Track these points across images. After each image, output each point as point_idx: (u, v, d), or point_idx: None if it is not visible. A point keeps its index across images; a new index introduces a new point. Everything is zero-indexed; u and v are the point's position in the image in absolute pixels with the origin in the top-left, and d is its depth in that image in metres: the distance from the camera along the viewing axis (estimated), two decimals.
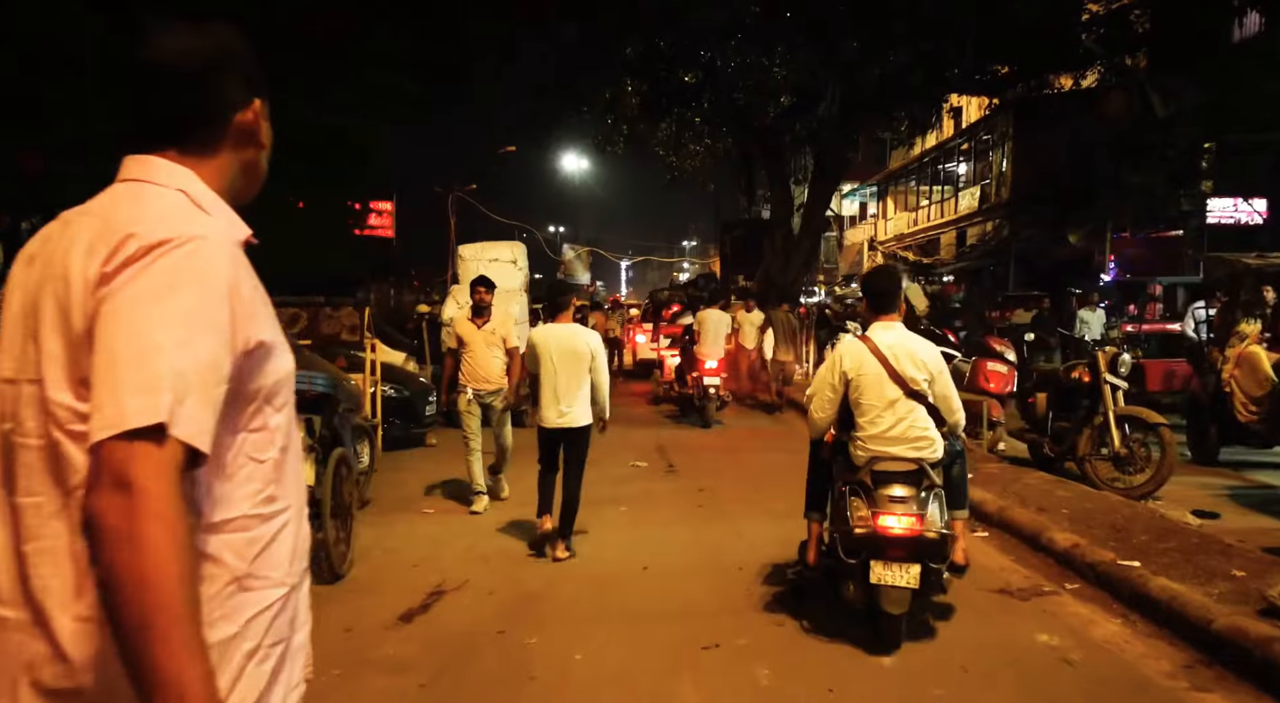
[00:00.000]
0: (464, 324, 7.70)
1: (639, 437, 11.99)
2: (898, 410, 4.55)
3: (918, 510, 4.45)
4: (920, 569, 4.38)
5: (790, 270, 24.36)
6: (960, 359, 10.92)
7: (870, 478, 4.57)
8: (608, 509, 7.82)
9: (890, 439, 4.55)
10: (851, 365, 4.66)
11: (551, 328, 6.36)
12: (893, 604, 4.40)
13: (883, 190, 37.56)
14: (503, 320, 7.75)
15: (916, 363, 4.60)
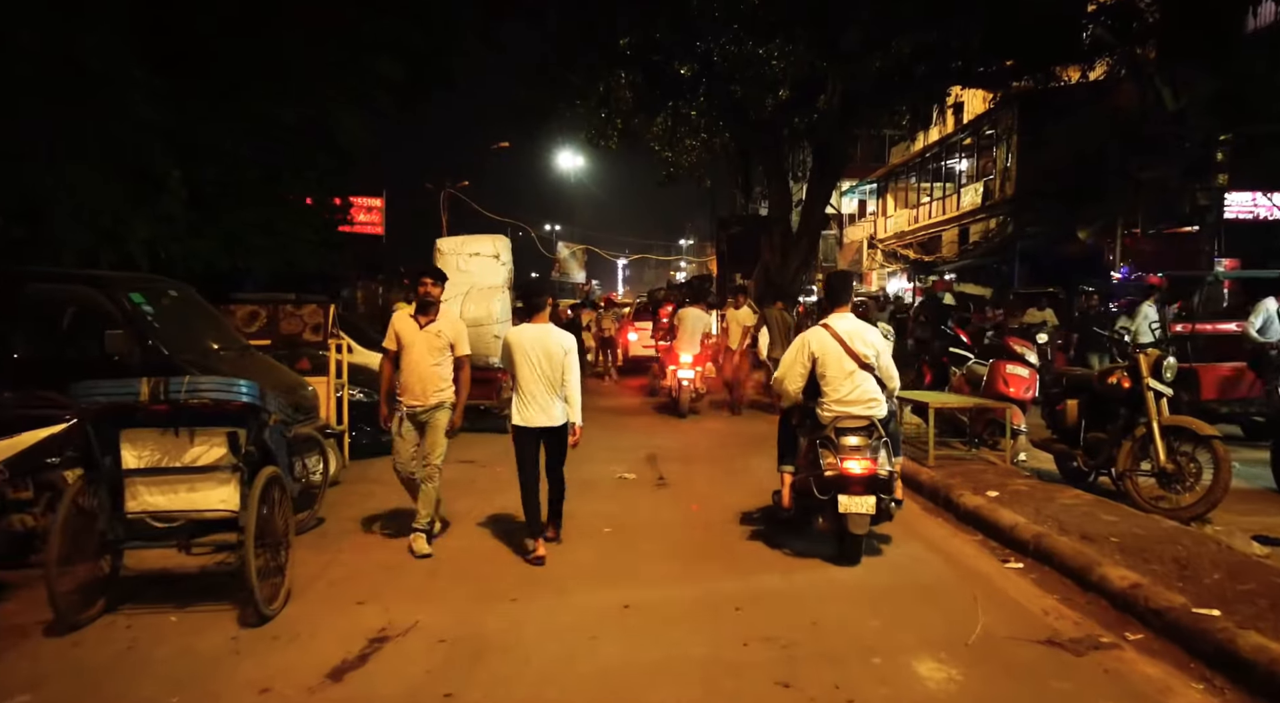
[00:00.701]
0: (404, 321, 6.29)
1: (629, 443, 11.08)
2: (854, 380, 5.95)
3: (871, 456, 5.79)
4: (875, 499, 5.73)
5: (789, 268, 23.48)
6: (975, 361, 10.02)
7: (834, 433, 5.89)
8: (590, 531, 6.90)
9: (849, 402, 5.95)
10: (817, 347, 6.05)
11: (527, 328, 6.30)
12: (856, 526, 5.75)
13: (882, 187, 36.64)
14: (452, 322, 6.39)
15: (866, 343, 6.01)
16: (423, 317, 6.28)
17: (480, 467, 9.66)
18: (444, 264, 11.88)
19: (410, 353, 6.21)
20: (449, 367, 6.32)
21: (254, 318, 9.39)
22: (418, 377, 6.20)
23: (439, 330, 6.25)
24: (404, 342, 6.24)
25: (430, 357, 6.22)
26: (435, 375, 6.23)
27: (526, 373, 6.12)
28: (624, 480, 8.88)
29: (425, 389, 6.21)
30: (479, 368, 11.62)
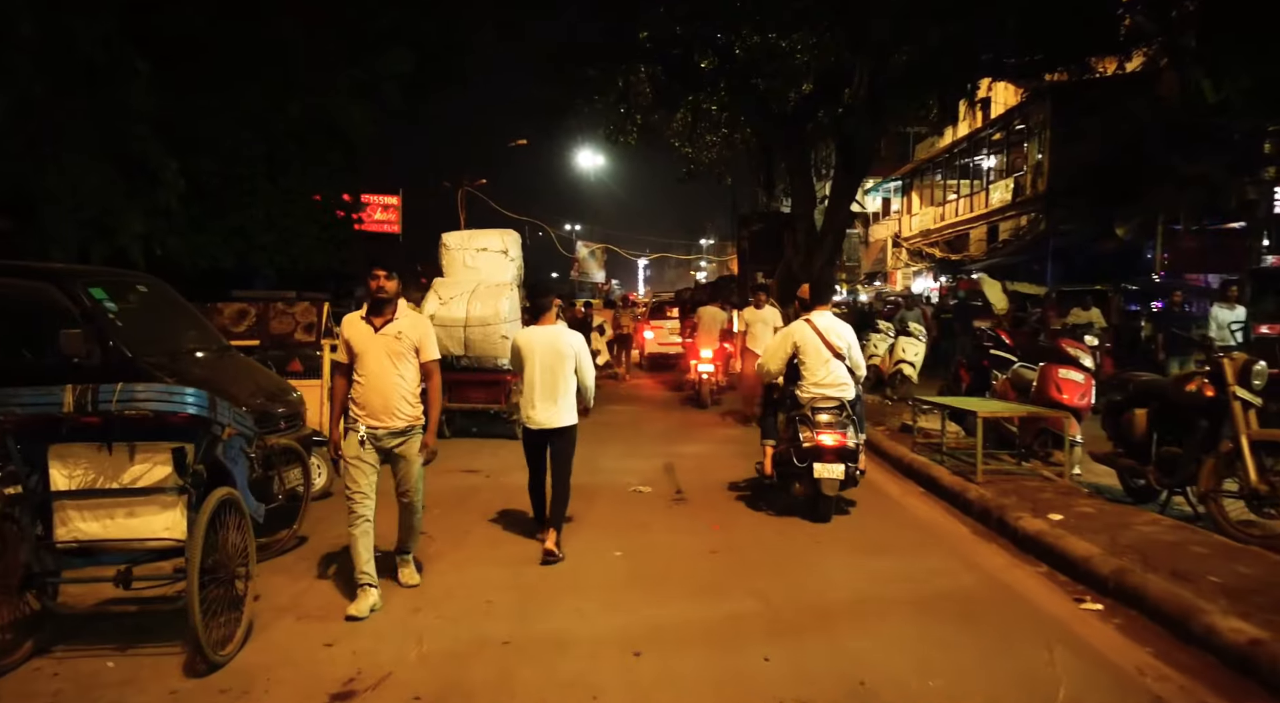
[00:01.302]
0: (353, 324, 5.11)
1: (645, 450, 10.26)
2: (829, 367, 6.94)
3: (842, 430, 6.77)
4: (844, 467, 6.71)
5: (812, 267, 22.53)
6: (1022, 365, 9.13)
7: (811, 411, 6.87)
8: (599, 556, 6.10)
9: (824, 385, 6.93)
10: (799, 337, 7.07)
11: (535, 329, 6.29)
12: (828, 489, 6.72)
13: (907, 185, 35.62)
14: (415, 322, 5.15)
15: (839, 336, 7.00)
16: (377, 317, 5.04)
17: (484, 477, 8.89)
18: (450, 260, 11.14)
19: (365, 363, 5.00)
20: (415, 377, 5.11)
21: (242, 317, 8.67)
22: (377, 392, 4.99)
23: (398, 332, 5.02)
24: (356, 350, 5.04)
25: (391, 366, 5.01)
26: (398, 389, 5.01)
27: (533, 375, 6.15)
28: (639, 494, 8.07)
29: (388, 407, 5.01)
30: (486, 370, 10.92)
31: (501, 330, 10.40)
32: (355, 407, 5.08)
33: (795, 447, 6.83)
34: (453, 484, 8.47)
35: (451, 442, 10.85)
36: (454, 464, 9.45)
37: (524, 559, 6.03)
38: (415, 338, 5.09)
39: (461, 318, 10.42)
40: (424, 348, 5.13)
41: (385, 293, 5.00)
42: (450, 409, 10.99)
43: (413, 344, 5.08)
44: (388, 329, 5.02)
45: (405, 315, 5.13)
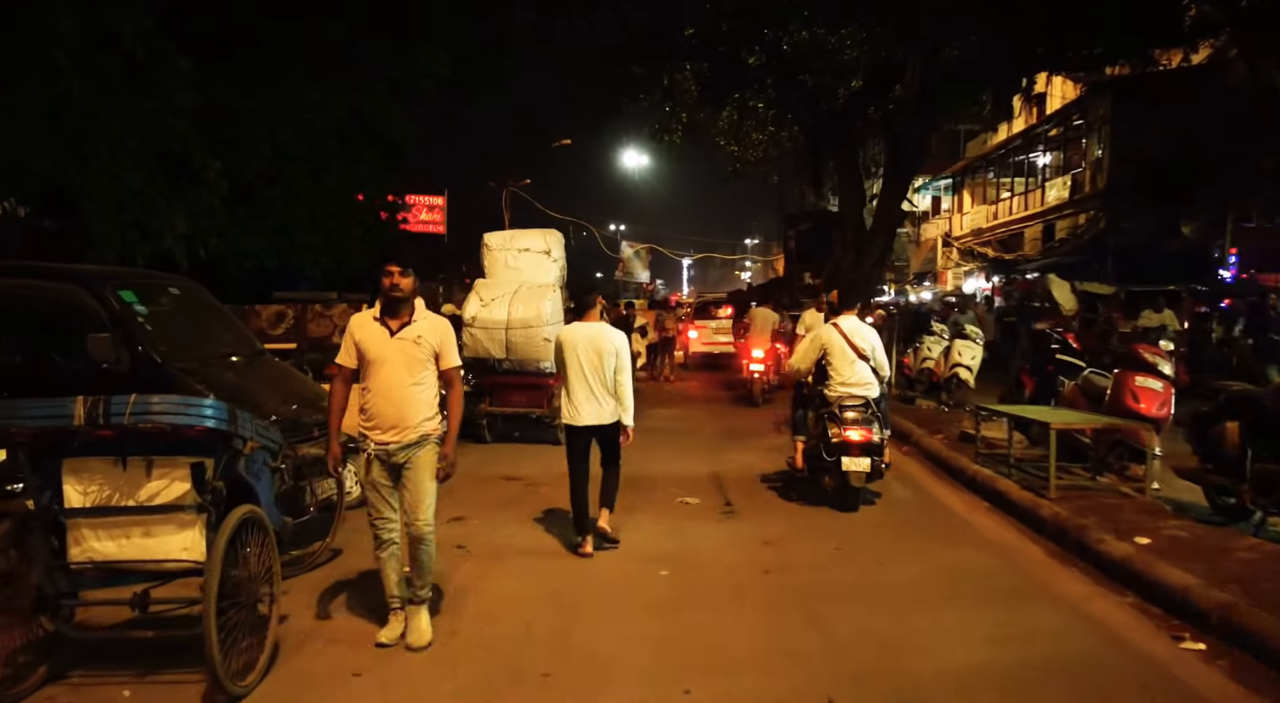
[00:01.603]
0: (366, 326, 4.52)
1: (691, 458, 9.86)
2: (854, 367, 7.30)
3: (868, 426, 7.13)
4: (869, 460, 7.08)
5: (862, 267, 21.96)
6: (1092, 371, 8.58)
7: (839, 409, 7.23)
8: (645, 575, 5.72)
9: (851, 384, 7.29)
10: (827, 341, 7.42)
11: (578, 326, 6.27)
12: (856, 480, 7.12)
13: (958, 183, 34.73)
14: (435, 325, 4.55)
15: (864, 339, 7.38)
16: (392, 319, 4.46)
17: (525, 485, 8.56)
18: (491, 261, 10.85)
19: (379, 370, 4.42)
20: (433, 386, 4.53)
21: (280, 319, 8.45)
22: (391, 403, 4.40)
23: (418, 336, 4.44)
24: (369, 356, 4.44)
25: (408, 374, 4.42)
26: (415, 400, 4.43)
27: (576, 371, 6.12)
28: (685, 506, 7.68)
29: (403, 419, 4.41)
30: (528, 374, 10.60)
31: (544, 333, 10.07)
32: (363, 420, 4.47)
33: (824, 442, 7.28)
34: (492, 493, 8.17)
35: (492, 447, 10.56)
36: (494, 471, 9.15)
37: (566, 577, 5.68)
38: (436, 342, 4.48)
39: (503, 320, 10.12)
40: (445, 353, 4.51)
41: (400, 291, 4.39)
42: (492, 413, 10.71)
43: (433, 349, 4.47)
44: (405, 333, 4.44)
45: (424, 317, 4.53)
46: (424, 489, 4.51)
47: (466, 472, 9.03)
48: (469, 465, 9.39)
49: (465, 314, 10.31)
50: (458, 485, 8.39)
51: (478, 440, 10.71)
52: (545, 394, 10.63)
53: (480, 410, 10.65)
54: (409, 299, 4.47)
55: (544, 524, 7.06)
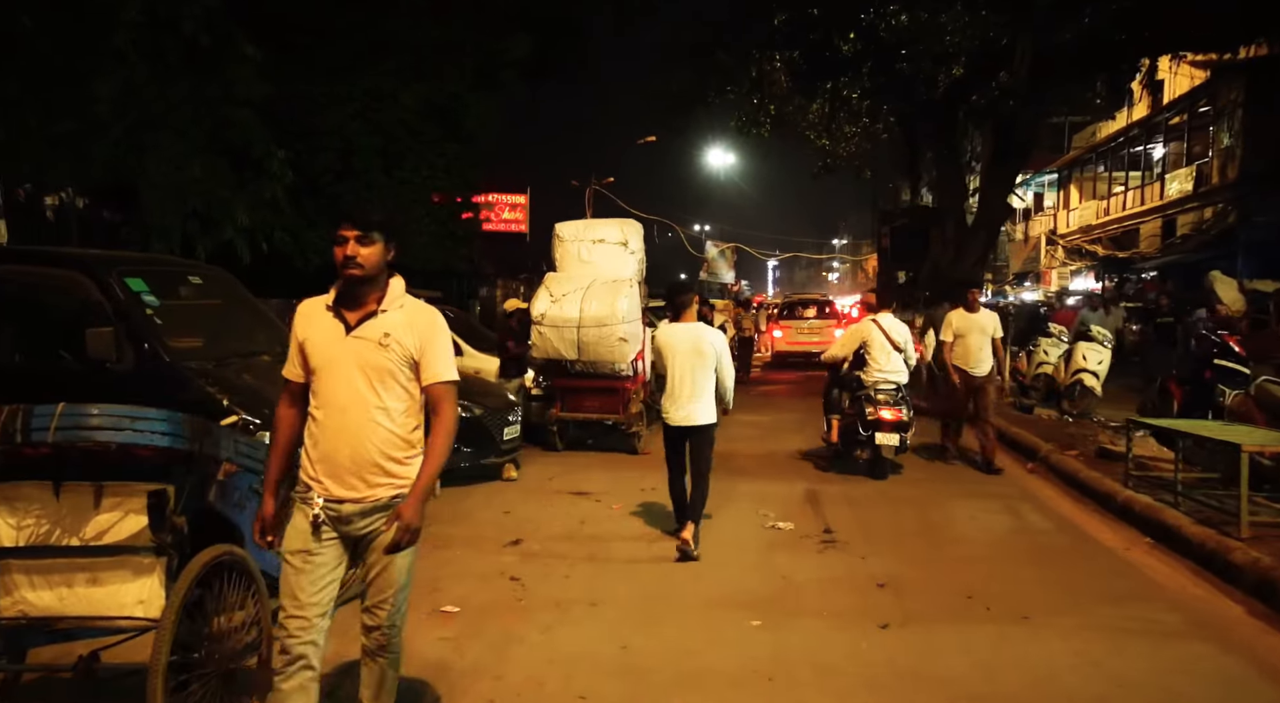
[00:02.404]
0: (315, 319, 2.95)
1: (782, 474, 8.69)
2: (889, 357, 8.30)
3: (898, 407, 8.14)
4: (899, 436, 8.09)
5: (963, 264, 20.42)
6: (1267, 379, 7.10)
7: (874, 391, 8.23)
8: (731, 625, 4.62)
9: (885, 371, 8.30)
10: (867, 335, 8.44)
11: (677, 326, 6.19)
12: (887, 453, 8.15)
13: (1064, 178, 32.47)
14: (414, 318, 2.93)
15: (899, 333, 8.41)
16: (349, 309, 2.89)
17: (595, 501, 7.54)
18: (563, 253, 9.87)
19: (327, 384, 2.87)
20: (410, 411, 2.93)
21: None
22: (343, 436, 2.85)
23: (385, 333, 2.86)
24: (315, 360, 2.89)
25: (369, 391, 2.84)
26: (379, 433, 2.86)
27: (676, 372, 6.04)
28: (777, 532, 6.53)
29: (361, 463, 2.85)
30: (602, 376, 9.59)
31: (619, 332, 9.04)
32: (307, 462, 2.89)
33: (860, 419, 8.20)
34: (558, 511, 7.17)
35: (563, 456, 9.59)
36: (562, 484, 8.17)
37: (637, 627, 4.61)
38: (414, 344, 2.87)
39: (575, 318, 9.12)
40: (429, 360, 2.90)
41: (360, 267, 2.79)
42: (563, 419, 9.73)
43: (408, 354, 2.87)
44: (367, 328, 2.85)
45: (399, 305, 2.91)
46: (398, 578, 2.92)
47: (532, 486, 8.11)
48: (535, 477, 8.45)
49: (534, 311, 9.36)
50: (519, 500, 7.49)
51: (548, 448, 9.76)
52: (621, 399, 9.61)
53: (551, 416, 9.69)
54: (376, 278, 2.85)
55: (615, 549, 6.02)
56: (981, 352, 8.71)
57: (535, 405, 10.10)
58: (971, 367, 8.75)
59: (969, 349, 8.76)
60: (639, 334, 9.59)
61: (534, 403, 10.12)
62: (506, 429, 8.40)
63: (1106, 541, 6.17)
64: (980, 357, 8.71)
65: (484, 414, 8.19)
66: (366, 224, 2.82)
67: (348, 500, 2.86)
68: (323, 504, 2.85)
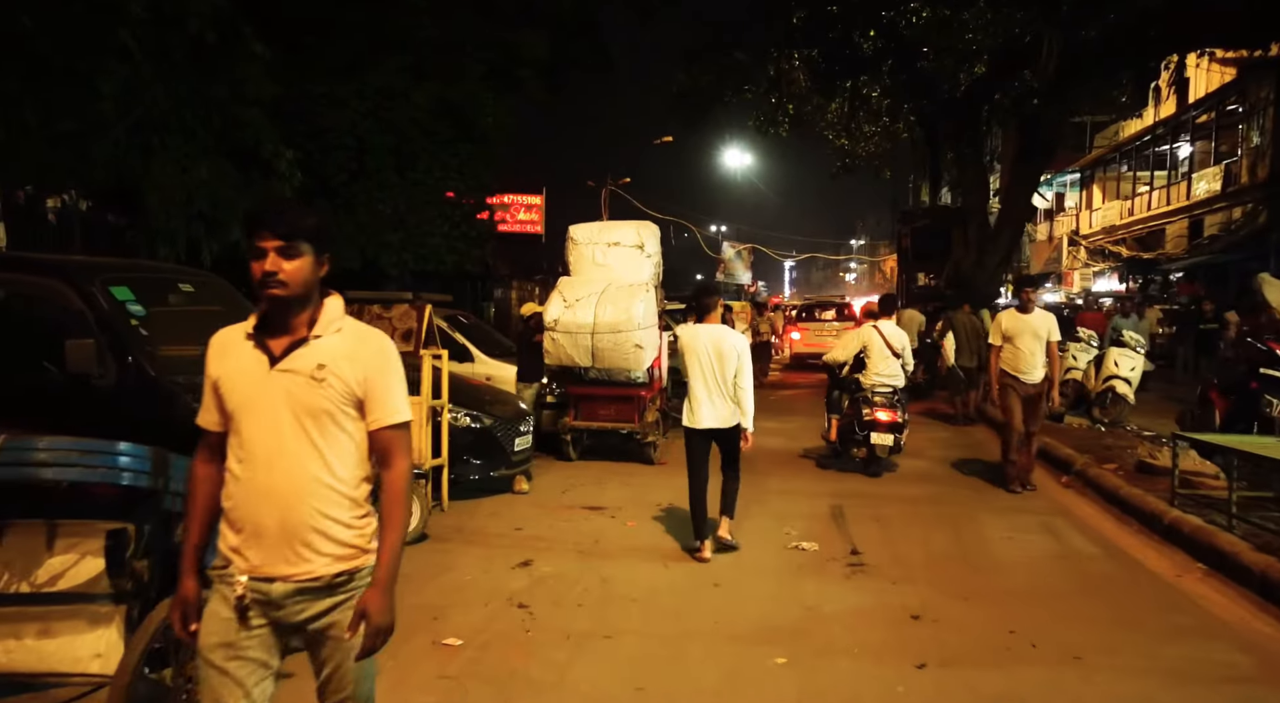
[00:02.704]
0: (231, 350, 2.29)
1: (803, 485, 8.30)
2: (888, 362, 8.64)
3: (894, 409, 8.51)
4: (893, 437, 8.43)
5: (986, 267, 19.93)
6: None
7: (871, 394, 8.58)
8: (754, 662, 4.24)
9: (883, 375, 8.63)
10: (867, 340, 8.77)
11: (700, 327, 6.15)
12: (881, 452, 8.51)
13: (1087, 178, 31.84)
14: (358, 346, 2.29)
15: (898, 339, 8.76)
16: (273, 336, 2.27)
17: (610, 517, 7.17)
18: (577, 256, 9.50)
19: (248, 430, 2.25)
20: (356, 464, 2.31)
21: None
22: (270, 496, 2.23)
23: (319, 365, 2.24)
24: (231, 402, 2.27)
25: (301, 439, 2.24)
26: (316, 491, 2.24)
27: (697, 374, 5.99)
28: (800, 553, 6.13)
29: (291, 530, 2.22)
30: (617, 384, 9.21)
31: (635, 338, 8.66)
32: (226, 529, 2.27)
33: (858, 420, 8.58)
34: (571, 528, 6.80)
35: (577, 466, 9.23)
36: (575, 498, 7.80)
37: (654, 665, 4.24)
38: (356, 376, 2.26)
39: (589, 323, 8.75)
40: (376, 397, 2.29)
41: (283, 286, 2.19)
42: (576, 428, 9.37)
43: (349, 390, 2.26)
44: (296, 359, 2.23)
45: (336, 329, 2.29)
46: (358, 673, 2.30)
47: (544, 499, 7.74)
48: (548, 490, 8.09)
49: (547, 316, 8.99)
50: (530, 516, 7.12)
51: (561, 458, 9.41)
52: (636, 407, 9.23)
53: (564, 425, 9.33)
54: (304, 299, 2.24)
55: (631, 569, 5.64)
56: (1034, 357, 7.80)
57: (548, 414, 9.75)
58: (1023, 373, 7.85)
59: (1020, 354, 7.83)
60: (655, 340, 9.21)
61: (547, 411, 9.77)
62: (518, 440, 8.04)
63: (1155, 566, 5.74)
64: (1033, 362, 7.80)
65: (494, 424, 7.84)
66: (290, 231, 2.18)
67: (277, 579, 2.20)
68: (247, 583, 2.21)
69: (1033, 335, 7.80)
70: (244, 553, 2.22)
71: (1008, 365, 7.93)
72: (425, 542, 6.38)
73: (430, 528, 6.59)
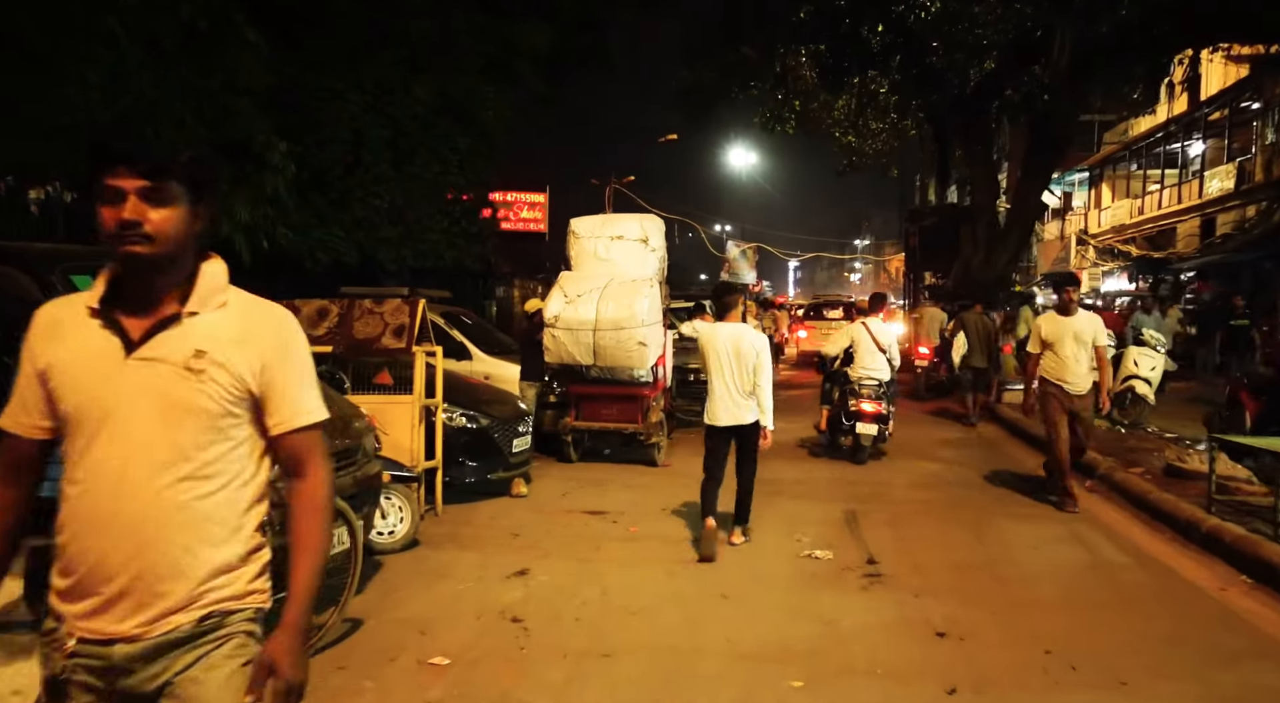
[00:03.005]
0: (75, 333, 1.68)
1: (816, 488, 7.91)
2: (874, 357, 9.01)
3: (878, 400, 8.91)
4: (878, 427, 8.90)
5: (994, 265, 19.56)
6: None
7: (858, 386, 8.98)
8: (768, 685, 3.85)
9: (869, 369, 9.00)
10: (856, 336, 9.22)
11: (720, 326, 6.15)
12: (866, 441, 8.95)
13: (1095, 176, 31.38)
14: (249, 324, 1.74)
15: (886, 336, 9.14)
16: (131, 314, 1.68)
17: (611, 522, 6.80)
18: (579, 250, 9.12)
19: (93, 440, 1.66)
20: (246, 481, 1.76)
21: (322, 317, 6.90)
22: (118, 524, 1.63)
23: (197, 351, 1.67)
24: (67, 404, 1.67)
25: (168, 449, 1.65)
26: (181, 518, 1.66)
27: (717, 372, 5.99)
28: (813, 562, 5.74)
29: (147, 571, 1.64)
30: (620, 383, 8.83)
31: (638, 336, 8.28)
32: (57, 573, 1.69)
33: (845, 411, 9.05)
34: (569, 534, 6.42)
35: (577, 468, 8.86)
36: (575, 502, 7.43)
37: (656, 683, 3.87)
38: (249, 365, 1.73)
39: (590, 320, 8.37)
40: (278, 393, 1.76)
41: (147, 241, 1.62)
42: (578, 429, 8.99)
43: (240, 383, 1.72)
44: (163, 344, 1.68)
45: (220, 303, 1.74)
46: None
47: (543, 503, 7.36)
48: (547, 493, 7.71)
49: (547, 313, 8.61)
50: (528, 521, 6.75)
51: (562, 459, 9.03)
52: (640, 407, 8.85)
53: (564, 425, 8.95)
54: (176, 261, 1.69)
55: (632, 587, 5.25)
56: (1080, 365, 6.95)
57: (549, 414, 9.38)
58: (1068, 382, 6.96)
59: (1063, 362, 6.97)
60: (660, 338, 8.82)
61: (548, 411, 9.40)
62: (516, 441, 7.66)
63: (1195, 578, 5.33)
64: (1078, 371, 6.94)
65: (491, 424, 7.46)
66: (157, 167, 1.62)
67: (120, 639, 1.64)
68: (76, 646, 1.65)
69: (1075, 340, 6.98)
70: (77, 605, 1.65)
71: (1049, 374, 7.09)
72: (417, 548, 6.02)
73: (423, 533, 6.22)
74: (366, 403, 6.59)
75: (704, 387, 7.98)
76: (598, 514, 7.01)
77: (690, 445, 10.24)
